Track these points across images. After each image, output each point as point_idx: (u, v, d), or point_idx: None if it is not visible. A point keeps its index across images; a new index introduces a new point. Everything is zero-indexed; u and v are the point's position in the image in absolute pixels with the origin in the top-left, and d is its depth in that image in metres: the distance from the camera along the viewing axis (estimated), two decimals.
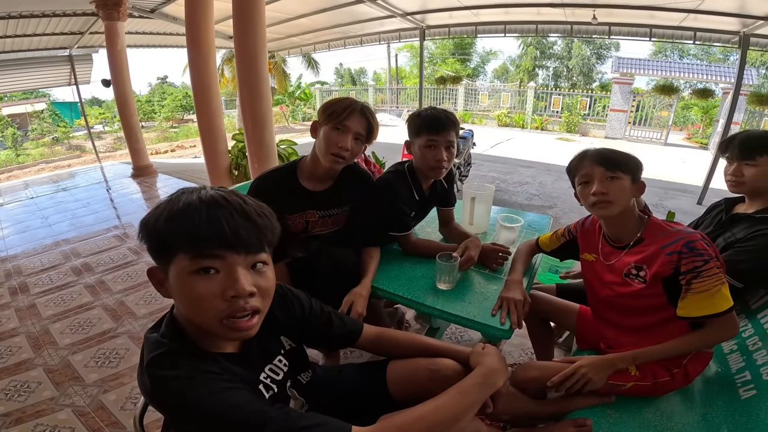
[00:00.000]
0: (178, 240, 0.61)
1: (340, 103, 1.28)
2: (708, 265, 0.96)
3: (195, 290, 0.61)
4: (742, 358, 1.15)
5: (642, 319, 1.12)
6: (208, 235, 0.60)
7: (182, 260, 0.61)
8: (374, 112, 1.34)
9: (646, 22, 5.02)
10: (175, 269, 0.62)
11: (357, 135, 1.30)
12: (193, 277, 0.61)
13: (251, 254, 0.65)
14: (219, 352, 0.69)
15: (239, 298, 0.62)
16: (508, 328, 1.09)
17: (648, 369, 1.07)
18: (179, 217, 0.61)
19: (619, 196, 1.06)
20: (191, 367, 0.62)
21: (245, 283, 0.62)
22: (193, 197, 0.63)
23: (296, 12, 5.87)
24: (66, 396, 1.74)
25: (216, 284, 0.62)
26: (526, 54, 21.82)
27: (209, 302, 0.61)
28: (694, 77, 11.90)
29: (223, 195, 0.65)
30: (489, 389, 0.80)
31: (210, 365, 0.64)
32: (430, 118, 1.41)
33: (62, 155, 12.91)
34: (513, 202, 5.15)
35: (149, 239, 0.63)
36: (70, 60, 7.48)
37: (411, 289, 1.30)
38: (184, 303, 0.64)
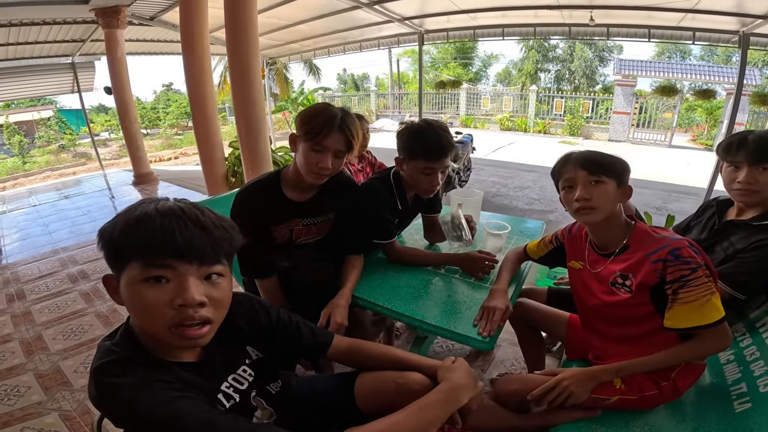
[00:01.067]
0: (131, 248, 0.61)
1: (317, 119, 1.21)
2: (696, 274, 0.92)
3: (144, 298, 0.62)
4: (739, 369, 1.10)
5: (630, 329, 1.08)
6: (161, 245, 0.61)
7: (134, 268, 0.62)
8: (354, 118, 1.28)
9: (645, 23, 4.99)
10: (127, 277, 0.63)
11: (336, 153, 1.24)
12: (143, 285, 0.62)
13: (205, 265, 0.65)
14: (176, 361, 0.69)
15: (187, 308, 0.62)
16: (489, 340, 1.06)
17: (634, 382, 1.03)
18: (133, 227, 0.62)
19: (603, 202, 1.02)
20: (140, 375, 0.62)
21: (195, 293, 0.63)
22: (150, 207, 0.64)
23: (295, 18, 5.90)
24: (54, 400, 1.77)
25: (165, 293, 0.62)
26: (528, 57, 21.78)
27: (158, 310, 0.62)
28: (697, 78, 11.80)
29: (180, 206, 0.66)
30: (452, 405, 0.78)
31: (162, 374, 0.64)
32: (429, 143, 1.34)
33: (68, 163, 13.03)
34: (513, 207, 5.11)
35: (105, 247, 0.64)
36: (72, 67, 7.58)
37: (392, 298, 1.27)
38: (133, 310, 0.65)
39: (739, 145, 1.16)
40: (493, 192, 5.81)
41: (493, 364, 1.87)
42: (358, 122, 1.28)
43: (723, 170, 1.24)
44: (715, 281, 0.97)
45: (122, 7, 5.02)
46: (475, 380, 0.85)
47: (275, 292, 1.37)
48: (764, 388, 0.97)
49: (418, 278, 1.38)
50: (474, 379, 0.85)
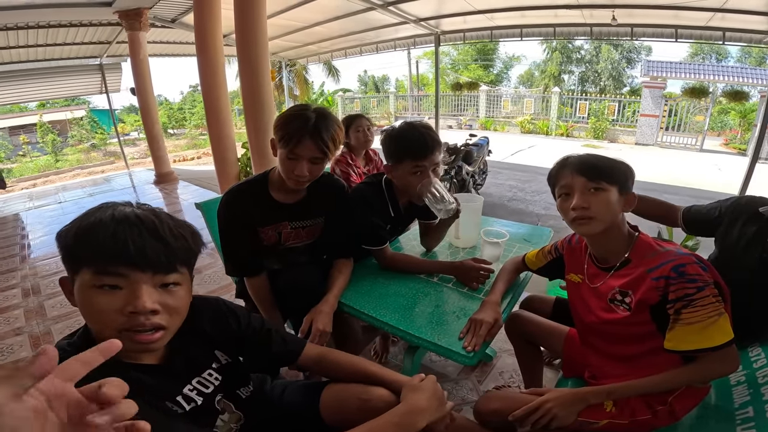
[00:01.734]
0: (83, 254, 0.62)
1: (290, 125, 1.16)
2: (702, 293, 0.83)
3: (95, 304, 0.62)
4: (749, 391, 0.99)
5: (629, 348, 0.99)
6: (112, 253, 0.61)
7: (86, 274, 0.62)
8: (331, 122, 1.21)
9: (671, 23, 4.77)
10: (79, 281, 0.63)
11: (312, 159, 1.19)
12: (94, 291, 0.62)
13: (159, 274, 0.64)
14: (133, 363, 0.69)
15: (139, 315, 0.62)
16: (472, 356, 0.99)
17: (626, 405, 0.95)
18: (86, 233, 0.62)
19: (603, 211, 0.93)
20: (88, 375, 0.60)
21: (146, 301, 0.62)
22: (106, 214, 0.64)
23: (311, 20, 5.95)
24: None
25: (117, 300, 0.62)
26: (552, 59, 21.32)
27: (108, 316, 0.62)
28: (731, 80, 11.22)
29: (137, 213, 0.65)
30: (406, 430, 0.73)
31: (106, 375, 0.61)
32: (412, 142, 1.29)
33: (98, 161, 13.54)
34: (529, 211, 4.97)
35: (62, 250, 0.64)
36: (100, 69, 7.90)
37: (379, 307, 1.22)
38: (85, 314, 0.65)
39: None
40: (510, 196, 5.68)
41: (491, 375, 1.79)
42: (336, 125, 1.22)
43: None
44: (727, 302, 0.88)
45: (144, 9, 5.17)
46: (442, 401, 0.80)
47: (263, 291, 1.35)
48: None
49: (408, 286, 1.33)
50: (439, 401, 0.80)
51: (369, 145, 2.46)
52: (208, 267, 3.14)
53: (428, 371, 1.80)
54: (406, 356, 1.36)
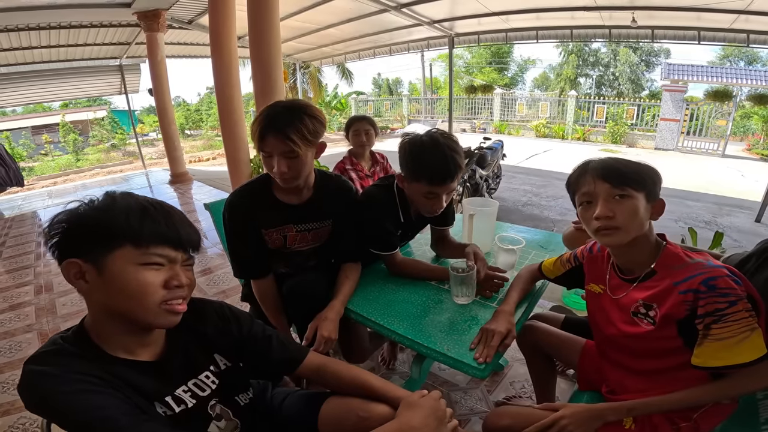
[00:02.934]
0: (129, 234, 0.66)
1: (257, 122, 1.13)
2: (735, 308, 0.77)
3: (143, 278, 0.67)
4: None
5: (651, 362, 0.93)
6: (166, 236, 0.69)
7: (129, 252, 0.66)
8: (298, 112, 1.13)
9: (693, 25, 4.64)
10: (119, 259, 0.66)
11: (284, 155, 1.12)
12: (140, 268, 0.67)
13: (187, 255, 0.74)
14: (127, 358, 0.70)
15: (178, 288, 0.71)
16: (483, 368, 0.94)
17: (647, 422, 0.88)
18: (134, 215, 0.67)
19: (630, 220, 0.86)
20: (63, 365, 0.63)
21: (183, 277, 0.72)
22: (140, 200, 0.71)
23: (325, 22, 5.97)
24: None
25: (160, 275, 0.69)
26: (568, 62, 21.03)
27: (152, 288, 0.68)
28: (756, 84, 10.85)
29: (159, 202, 0.73)
30: None
31: (90, 367, 0.64)
32: (433, 165, 1.17)
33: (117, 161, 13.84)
34: (544, 217, 4.87)
35: (80, 233, 0.66)
36: (120, 70, 8.08)
37: (386, 314, 1.18)
38: (124, 291, 0.66)
39: None
40: (524, 201, 5.58)
41: (502, 385, 1.73)
42: (305, 115, 1.13)
43: None
44: (761, 316, 0.81)
45: (162, 11, 5.26)
46: (442, 420, 0.76)
47: (270, 295, 1.32)
48: None
49: (418, 293, 1.28)
50: (438, 420, 0.75)
51: (368, 150, 2.43)
52: (219, 267, 3.15)
53: (437, 379, 1.76)
54: (414, 364, 1.32)
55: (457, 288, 1.16)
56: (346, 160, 2.39)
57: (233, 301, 2.63)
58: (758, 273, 0.96)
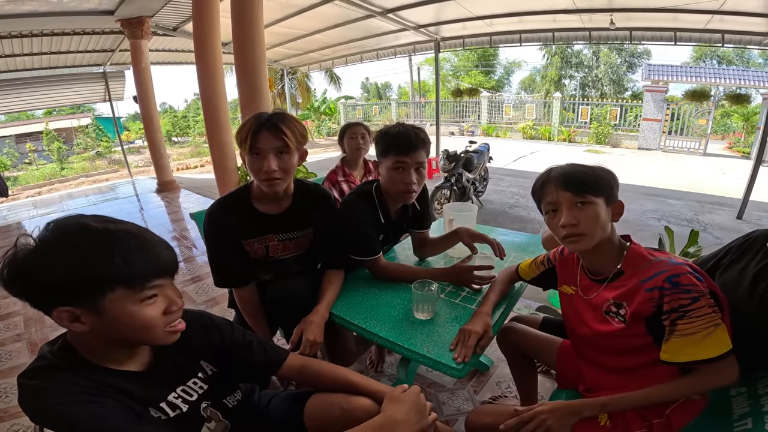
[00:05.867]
0: (112, 278, 0.64)
1: (246, 125, 1.17)
2: (697, 304, 0.81)
3: (143, 316, 0.68)
4: (748, 402, 0.95)
5: (625, 360, 0.96)
6: (150, 270, 0.68)
7: (124, 294, 0.65)
8: (288, 115, 1.22)
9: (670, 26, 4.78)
10: (115, 302, 0.65)
11: (277, 150, 1.17)
12: (141, 305, 0.67)
13: (173, 276, 0.74)
14: (117, 369, 0.72)
15: (176, 311, 0.73)
16: (461, 368, 0.97)
17: (621, 418, 0.92)
18: (110, 257, 0.63)
19: (593, 226, 0.90)
20: (59, 379, 0.65)
21: (178, 299, 0.73)
22: (103, 236, 0.65)
23: (311, 28, 5.99)
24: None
25: (158, 306, 0.70)
26: (552, 64, 21.36)
27: (156, 321, 0.70)
28: (733, 83, 11.16)
29: (130, 229, 0.69)
30: None
31: (85, 380, 0.66)
32: (397, 136, 1.30)
33: (102, 169, 13.64)
34: (531, 218, 4.93)
35: (60, 287, 0.61)
36: (104, 77, 8.00)
37: (369, 318, 1.20)
38: (129, 327, 0.68)
39: None
40: (512, 203, 5.65)
41: (488, 385, 1.76)
42: (295, 120, 1.22)
43: None
44: (725, 312, 0.85)
45: (146, 18, 5.23)
46: (423, 414, 0.79)
47: (251, 303, 1.34)
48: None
49: (400, 297, 1.31)
50: (420, 413, 0.79)
51: (363, 153, 2.40)
52: (208, 276, 3.14)
53: (424, 381, 1.79)
54: (400, 366, 1.34)
55: (417, 304, 1.18)
56: (339, 170, 2.35)
57: (221, 308, 2.62)
58: (733, 265, 1.00)
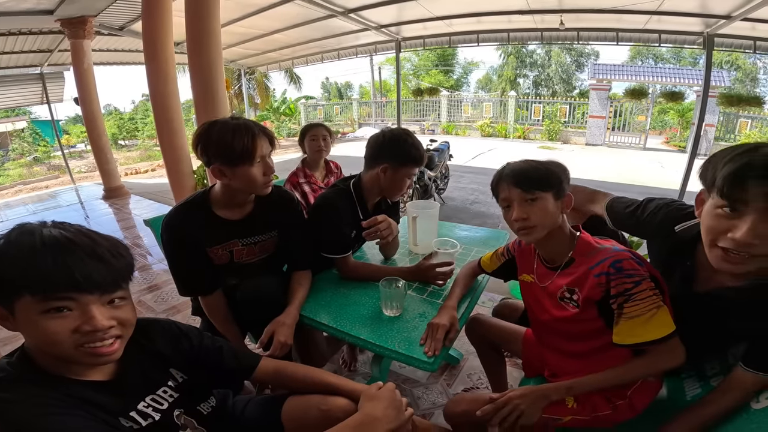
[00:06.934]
0: (21, 283, 0.61)
1: (239, 139, 1.13)
2: (639, 287, 0.87)
3: (47, 328, 0.62)
4: (699, 384, 1.06)
5: (582, 344, 1.03)
6: (58, 281, 0.61)
7: (28, 302, 0.61)
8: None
9: (613, 26, 5.09)
10: (22, 308, 0.62)
11: (270, 153, 1.23)
12: (43, 316, 0.62)
13: (106, 294, 0.66)
14: (80, 379, 0.69)
15: (97, 332, 0.64)
16: (432, 361, 1.00)
17: (587, 401, 0.98)
18: (21, 261, 0.60)
19: (542, 219, 0.97)
20: (23, 392, 0.62)
21: (102, 320, 0.65)
22: (34, 239, 0.62)
23: (270, 27, 5.84)
24: None
25: (69, 321, 0.63)
26: (507, 63, 22.18)
27: (61, 336, 0.63)
28: (668, 81, 12.13)
29: (68, 237, 0.64)
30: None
31: (49, 391, 0.64)
32: (419, 151, 1.42)
33: (41, 176, 12.62)
34: (491, 213, 5.11)
35: None
36: (41, 78, 7.40)
37: (339, 317, 1.20)
38: (35, 339, 0.65)
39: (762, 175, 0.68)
40: (472, 199, 5.82)
41: (460, 378, 1.81)
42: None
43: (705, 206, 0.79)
44: (666, 295, 0.92)
45: (89, 17, 4.90)
46: (400, 410, 0.81)
47: (219, 309, 1.31)
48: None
49: (368, 296, 1.32)
50: (397, 409, 0.80)
51: (324, 155, 2.37)
52: (166, 284, 3.00)
53: (397, 377, 1.81)
54: (374, 364, 1.35)
55: (385, 301, 1.21)
56: (300, 172, 2.32)
57: (184, 315, 2.52)
58: (650, 218, 1.03)
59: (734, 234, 0.71)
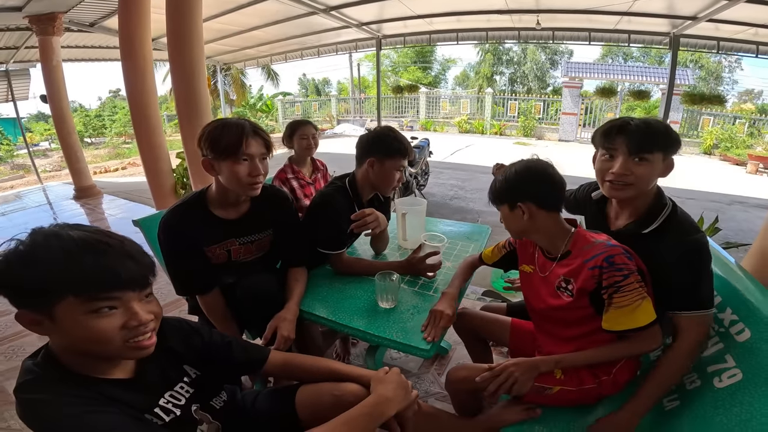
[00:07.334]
0: (64, 285, 0.62)
1: (227, 133, 1.17)
2: (628, 280, 0.96)
3: (96, 327, 0.65)
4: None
5: (574, 330, 1.12)
6: (103, 281, 0.65)
7: (73, 303, 0.63)
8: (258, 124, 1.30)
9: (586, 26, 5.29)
10: (65, 310, 0.63)
11: (261, 156, 1.23)
12: (90, 316, 0.64)
13: (143, 290, 0.71)
14: (105, 378, 0.72)
15: (140, 326, 0.69)
16: (429, 348, 1.07)
17: (574, 375, 1.07)
18: (60, 264, 0.62)
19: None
20: (55, 392, 0.64)
21: (144, 314, 0.69)
22: (65, 242, 0.64)
23: (249, 24, 5.78)
24: (2, 420, 1.71)
25: (116, 319, 0.67)
26: (484, 60, 22.51)
27: (111, 334, 0.66)
28: (636, 79, 12.66)
29: (98, 238, 0.67)
30: (376, 419, 0.80)
31: (80, 390, 0.66)
32: (405, 143, 1.50)
33: (5, 175, 12.02)
34: (470, 209, 5.23)
35: (15, 289, 0.63)
36: (6, 75, 7.08)
37: (338, 310, 1.26)
38: (81, 339, 0.66)
39: (619, 130, 1.05)
40: (451, 195, 5.93)
41: (449, 367, 1.89)
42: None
43: (597, 160, 1.13)
44: (649, 285, 1.02)
45: (58, 14, 4.72)
46: (408, 391, 0.87)
47: (217, 307, 1.33)
48: (690, 386, 1.02)
49: (363, 289, 1.38)
50: (405, 390, 0.86)
51: (313, 153, 2.39)
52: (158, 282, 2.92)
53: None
54: (368, 356, 1.41)
55: (381, 294, 1.27)
56: (287, 168, 2.32)
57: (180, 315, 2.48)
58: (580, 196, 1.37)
59: (612, 169, 1.05)
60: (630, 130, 1.03)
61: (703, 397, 0.97)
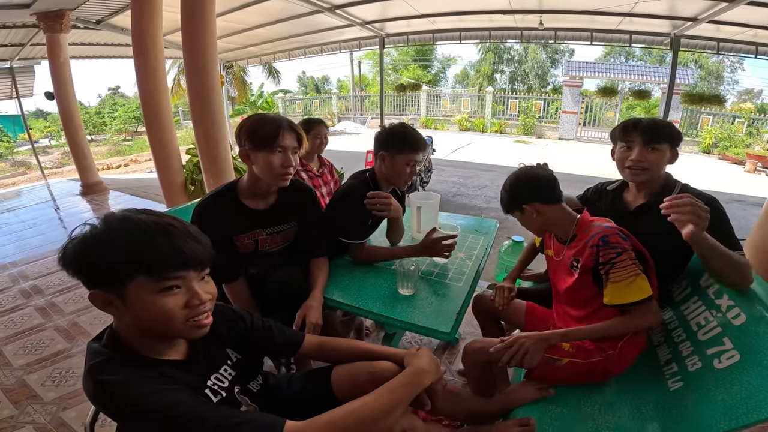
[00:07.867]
0: (138, 266, 0.67)
1: (266, 126, 1.28)
2: (621, 257, 1.07)
3: (163, 305, 0.70)
4: (669, 350, 1.23)
5: (584, 310, 1.22)
6: (173, 261, 0.70)
7: (144, 283, 0.68)
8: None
9: (588, 27, 5.35)
10: (136, 290, 0.68)
11: (294, 150, 1.33)
12: (159, 295, 0.69)
13: (203, 270, 0.76)
14: (163, 359, 0.76)
15: (200, 305, 0.74)
16: (451, 331, 1.14)
17: (582, 348, 1.16)
18: (135, 245, 0.67)
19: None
20: (129, 372, 0.68)
21: (203, 295, 0.74)
22: (137, 224, 0.69)
23: (253, 22, 5.82)
24: (26, 414, 1.74)
25: (180, 298, 0.71)
26: (485, 59, 22.54)
27: (176, 312, 0.71)
28: (636, 78, 12.73)
29: (165, 221, 0.72)
30: (416, 388, 0.86)
31: (147, 371, 0.70)
32: (415, 138, 1.55)
33: (6, 172, 12.03)
34: (472, 205, 5.30)
35: (91, 270, 0.68)
36: (11, 72, 7.10)
37: (360, 297, 1.33)
38: (149, 316, 0.70)
39: (633, 126, 1.28)
40: (454, 192, 6.00)
41: (460, 356, 1.97)
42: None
43: (616, 152, 1.35)
44: (650, 268, 1.12)
45: (66, 11, 4.76)
46: (438, 365, 0.94)
47: (244, 296, 1.40)
48: (692, 367, 1.09)
49: (383, 278, 1.45)
50: (436, 365, 0.93)
51: (322, 151, 2.52)
52: None
53: None
54: (384, 343, 1.49)
55: (401, 281, 1.35)
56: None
57: None
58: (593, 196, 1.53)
59: (631, 156, 1.27)
60: (643, 126, 1.26)
61: (704, 377, 1.03)
